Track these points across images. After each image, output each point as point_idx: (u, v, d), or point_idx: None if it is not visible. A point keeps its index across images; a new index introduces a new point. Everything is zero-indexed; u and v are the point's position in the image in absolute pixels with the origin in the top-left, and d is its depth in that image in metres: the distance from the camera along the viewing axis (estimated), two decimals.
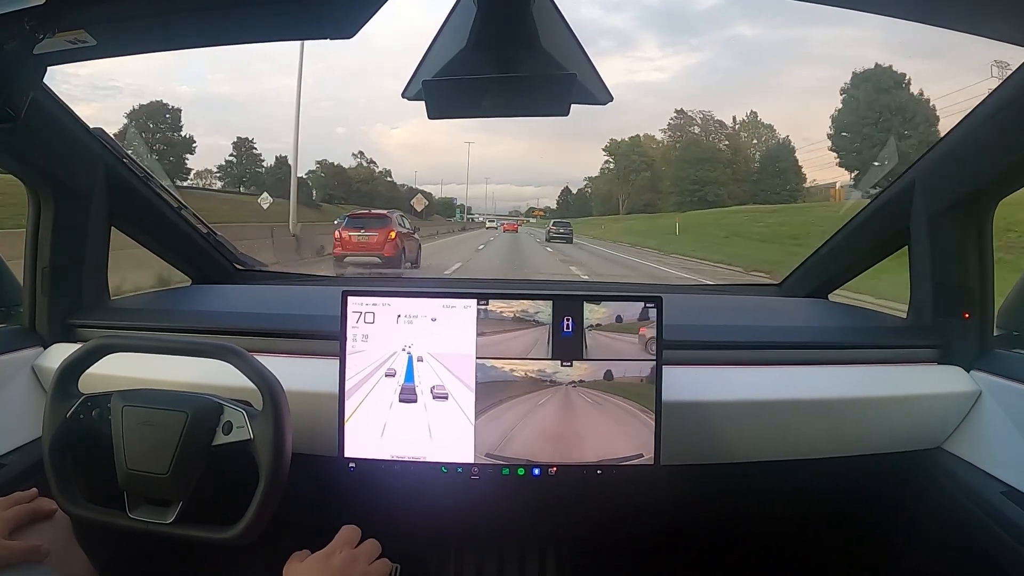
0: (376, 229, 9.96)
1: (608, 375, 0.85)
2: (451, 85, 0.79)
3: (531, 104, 0.85)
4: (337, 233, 10.37)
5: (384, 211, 12.05)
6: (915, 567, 1.02)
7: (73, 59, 0.78)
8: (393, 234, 9.97)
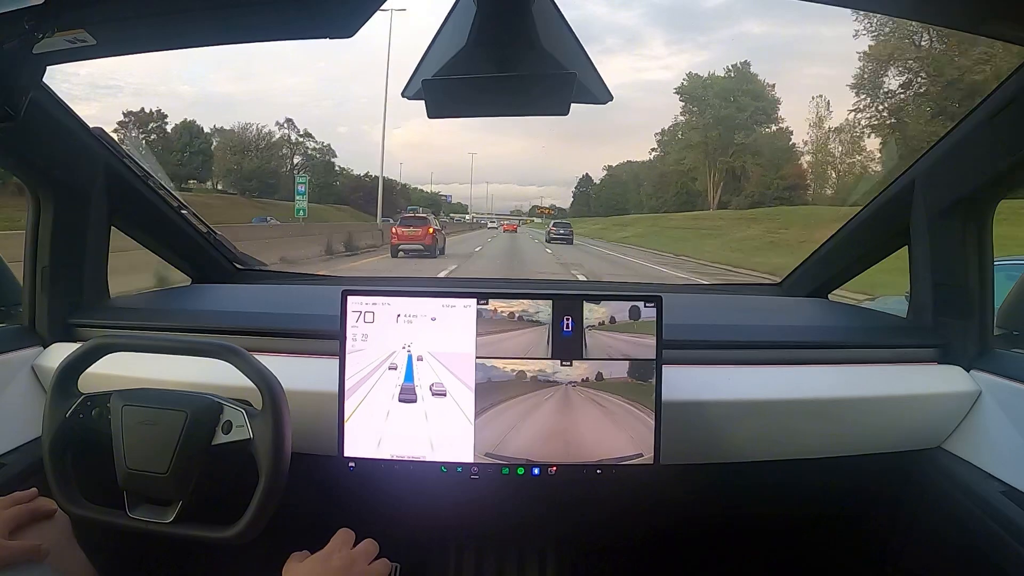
0: (420, 227, 14.84)
1: (608, 375, 0.85)
2: (451, 84, 0.79)
3: (531, 103, 0.85)
4: (393, 229, 15.10)
5: (424, 214, 16.97)
6: (914, 566, 1.02)
7: (73, 59, 0.78)
8: (431, 229, 14.80)
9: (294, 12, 0.75)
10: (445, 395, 0.85)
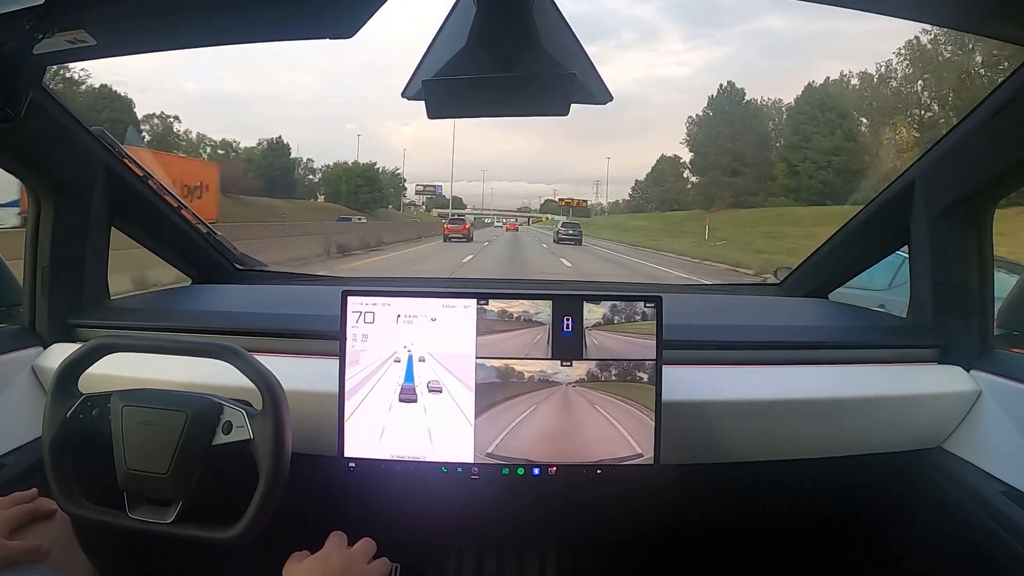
0: (460, 224, 25.54)
1: (608, 375, 0.85)
2: (451, 84, 0.79)
3: (531, 104, 0.85)
4: (444, 225, 25.72)
5: (463, 217, 29.76)
6: (915, 567, 1.02)
7: (73, 59, 0.78)
8: (467, 226, 25.46)
9: (294, 13, 0.75)
10: (441, 391, 0.85)
